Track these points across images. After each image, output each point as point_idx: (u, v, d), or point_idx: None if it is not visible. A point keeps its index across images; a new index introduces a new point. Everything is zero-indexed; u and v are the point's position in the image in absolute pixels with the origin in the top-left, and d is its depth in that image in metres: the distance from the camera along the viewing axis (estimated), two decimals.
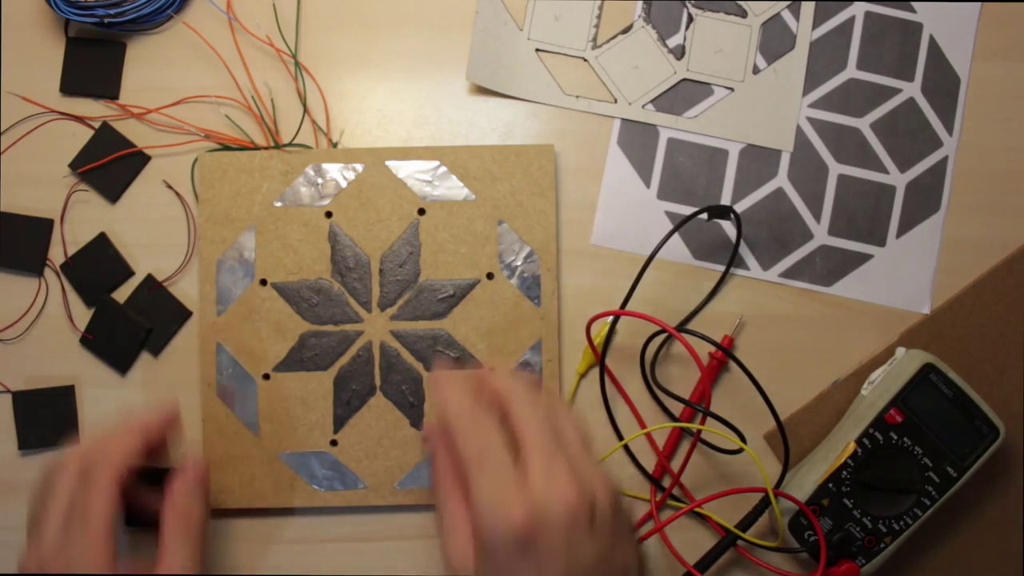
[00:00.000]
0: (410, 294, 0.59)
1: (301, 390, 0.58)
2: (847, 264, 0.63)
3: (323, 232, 0.59)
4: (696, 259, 0.62)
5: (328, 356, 0.59)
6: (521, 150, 0.59)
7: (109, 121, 0.61)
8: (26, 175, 0.61)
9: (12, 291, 0.61)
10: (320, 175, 0.59)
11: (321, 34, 0.63)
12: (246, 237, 0.58)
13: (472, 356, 0.59)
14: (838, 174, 0.63)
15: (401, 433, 0.58)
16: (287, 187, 0.59)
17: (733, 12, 0.63)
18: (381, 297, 0.59)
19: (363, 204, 0.59)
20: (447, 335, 0.59)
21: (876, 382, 0.59)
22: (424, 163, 0.59)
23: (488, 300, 0.59)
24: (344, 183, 0.59)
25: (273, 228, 0.59)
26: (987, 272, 0.62)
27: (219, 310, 0.59)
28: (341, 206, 0.59)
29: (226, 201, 0.59)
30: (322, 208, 0.59)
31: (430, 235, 0.59)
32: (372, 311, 0.59)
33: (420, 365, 0.59)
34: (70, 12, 0.59)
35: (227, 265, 0.59)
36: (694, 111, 0.63)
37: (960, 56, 0.64)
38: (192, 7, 0.63)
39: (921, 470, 0.57)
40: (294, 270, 0.59)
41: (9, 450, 0.60)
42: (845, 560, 0.56)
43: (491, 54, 0.62)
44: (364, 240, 0.59)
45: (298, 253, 0.59)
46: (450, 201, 0.59)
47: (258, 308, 0.59)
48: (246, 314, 0.59)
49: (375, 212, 0.59)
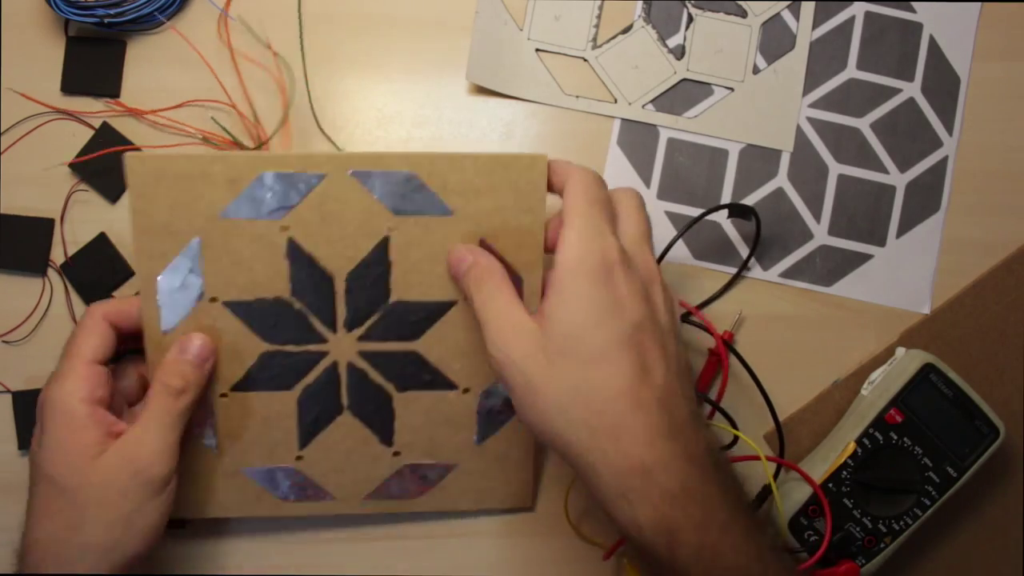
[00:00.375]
0: (379, 315, 0.53)
1: (263, 409, 0.54)
2: (847, 264, 0.63)
3: (279, 248, 0.51)
4: (696, 259, 0.62)
5: (290, 376, 0.53)
6: (510, 161, 0.50)
7: (109, 121, 0.61)
8: (26, 175, 0.61)
9: (15, 292, 0.61)
10: (274, 184, 0.50)
11: (321, 34, 0.63)
12: (190, 252, 0.51)
13: (445, 378, 0.54)
14: (838, 174, 0.63)
15: (370, 450, 0.55)
16: (235, 197, 0.50)
17: (733, 12, 0.63)
18: (348, 317, 0.53)
19: (325, 218, 0.51)
20: (420, 357, 0.53)
21: (876, 382, 0.59)
22: (396, 173, 0.50)
23: (465, 323, 0.53)
24: (302, 194, 0.50)
25: (221, 243, 0.51)
26: (987, 272, 0.62)
27: (165, 329, 0.52)
28: (300, 220, 0.51)
29: (163, 212, 0.50)
30: (277, 222, 0.51)
31: (402, 254, 0.52)
32: (338, 331, 0.53)
33: (391, 385, 0.54)
34: (70, 12, 0.59)
35: (171, 282, 0.51)
36: (694, 111, 0.63)
37: (960, 56, 0.64)
38: (192, 7, 0.63)
39: (921, 470, 0.57)
40: (248, 288, 0.51)
41: (9, 450, 0.60)
42: (845, 560, 0.56)
43: (491, 54, 0.62)
44: (327, 257, 0.51)
45: (252, 270, 0.51)
46: (425, 217, 0.51)
47: (210, 328, 0.52)
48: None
49: (339, 228, 0.51)
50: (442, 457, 0.56)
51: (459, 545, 0.61)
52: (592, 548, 0.61)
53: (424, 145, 0.62)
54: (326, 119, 0.62)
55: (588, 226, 0.45)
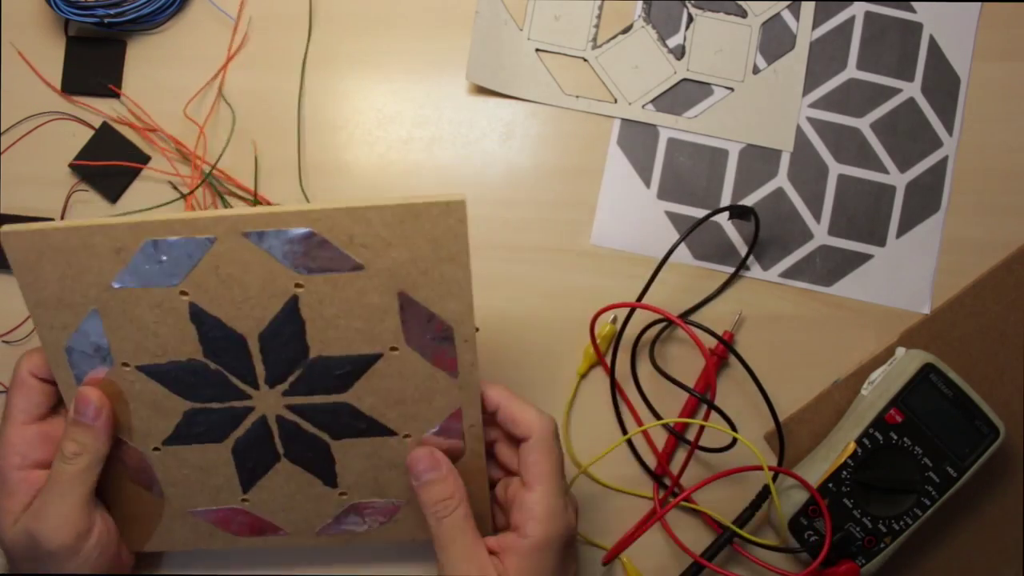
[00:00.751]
0: (301, 370, 0.49)
1: (198, 459, 0.52)
2: (847, 264, 0.63)
3: (182, 313, 0.48)
4: (696, 259, 0.62)
5: (219, 430, 0.51)
6: (421, 210, 0.45)
7: (109, 121, 0.61)
8: (26, 175, 0.61)
9: (16, 292, 0.60)
10: (163, 251, 0.46)
11: (321, 34, 0.63)
12: (90, 322, 0.48)
13: (381, 425, 0.51)
14: (838, 174, 0.63)
15: (315, 491, 0.53)
16: (124, 267, 0.47)
17: (733, 12, 0.63)
18: (268, 374, 0.50)
19: (224, 281, 0.47)
20: (351, 407, 0.51)
21: (876, 382, 0.59)
22: (293, 232, 0.46)
23: (395, 373, 0.50)
24: (195, 259, 0.47)
25: (120, 311, 0.48)
26: (987, 272, 0.62)
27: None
28: (197, 285, 0.47)
29: (53, 285, 0.47)
30: (174, 288, 0.47)
31: (315, 311, 0.48)
32: (260, 388, 0.50)
33: (326, 434, 0.52)
34: (70, 12, 0.59)
35: (79, 351, 0.49)
36: (694, 111, 0.63)
37: (960, 56, 0.64)
38: (192, 7, 0.63)
39: (921, 470, 0.57)
40: (158, 352, 0.49)
41: None
42: (845, 560, 0.56)
43: (491, 54, 0.62)
44: (234, 319, 0.48)
45: (158, 336, 0.48)
46: (334, 275, 0.47)
47: (128, 390, 0.50)
48: (116, 395, 0.50)
49: (241, 290, 0.47)
50: (391, 495, 0.54)
51: None
52: (592, 549, 0.61)
53: (423, 145, 0.62)
54: (326, 119, 0.62)
55: (558, 500, 0.49)
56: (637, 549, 0.59)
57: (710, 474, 0.59)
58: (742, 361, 0.57)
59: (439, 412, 0.51)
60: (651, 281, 0.59)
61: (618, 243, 0.62)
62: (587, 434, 0.61)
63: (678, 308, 0.62)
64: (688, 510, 0.61)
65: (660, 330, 0.62)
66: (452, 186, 0.62)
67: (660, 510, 0.58)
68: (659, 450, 0.61)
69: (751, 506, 0.58)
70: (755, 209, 0.60)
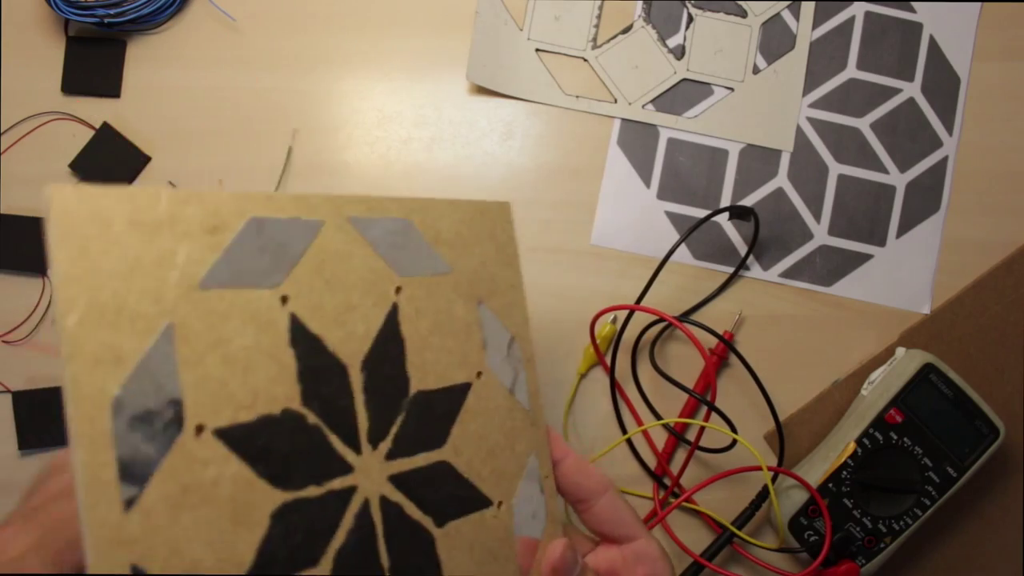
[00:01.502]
0: (403, 415, 0.38)
1: None
2: (847, 264, 0.63)
3: (282, 331, 0.35)
4: (696, 259, 0.62)
5: (317, 541, 0.35)
6: (484, 208, 0.42)
7: (109, 122, 0.61)
8: (26, 175, 0.61)
9: (16, 292, 0.61)
10: (268, 235, 0.35)
11: (321, 34, 0.63)
12: (161, 351, 0.31)
13: (479, 492, 0.40)
14: (838, 174, 0.63)
15: None
16: (220, 255, 0.33)
17: (733, 12, 0.63)
18: (371, 426, 0.37)
19: (329, 283, 0.37)
20: (451, 469, 0.40)
21: (876, 382, 0.59)
22: (394, 221, 0.39)
23: (484, 410, 0.41)
24: (300, 250, 0.36)
25: (205, 329, 0.33)
26: (987, 272, 0.62)
27: (128, 498, 0.29)
28: (301, 286, 0.36)
29: (112, 283, 0.30)
30: (276, 291, 0.35)
31: (412, 326, 0.39)
32: (362, 450, 0.37)
33: (429, 520, 0.38)
34: (70, 12, 0.59)
35: (131, 408, 0.30)
36: (694, 111, 0.63)
37: (960, 56, 0.64)
38: (192, 7, 0.63)
39: (921, 470, 0.57)
40: (247, 401, 0.33)
41: (9, 450, 0.60)
42: (845, 560, 0.56)
43: (491, 54, 0.62)
44: (336, 339, 0.36)
45: (248, 370, 0.33)
46: (427, 277, 0.40)
47: (199, 482, 0.31)
48: (179, 497, 0.31)
49: (344, 295, 0.37)
50: None
51: None
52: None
53: (423, 145, 0.62)
54: (326, 120, 0.62)
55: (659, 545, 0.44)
56: None
57: (710, 474, 0.59)
58: (743, 361, 0.57)
59: (520, 461, 0.42)
60: (651, 282, 0.59)
61: (618, 243, 0.62)
62: (587, 434, 0.61)
63: (678, 308, 0.62)
64: (688, 510, 0.61)
65: (660, 330, 0.62)
66: (452, 186, 0.62)
67: (660, 511, 0.58)
68: (659, 450, 0.61)
69: (751, 506, 0.58)
70: (755, 209, 0.60)
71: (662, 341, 0.62)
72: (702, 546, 0.58)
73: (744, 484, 0.60)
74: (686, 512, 0.61)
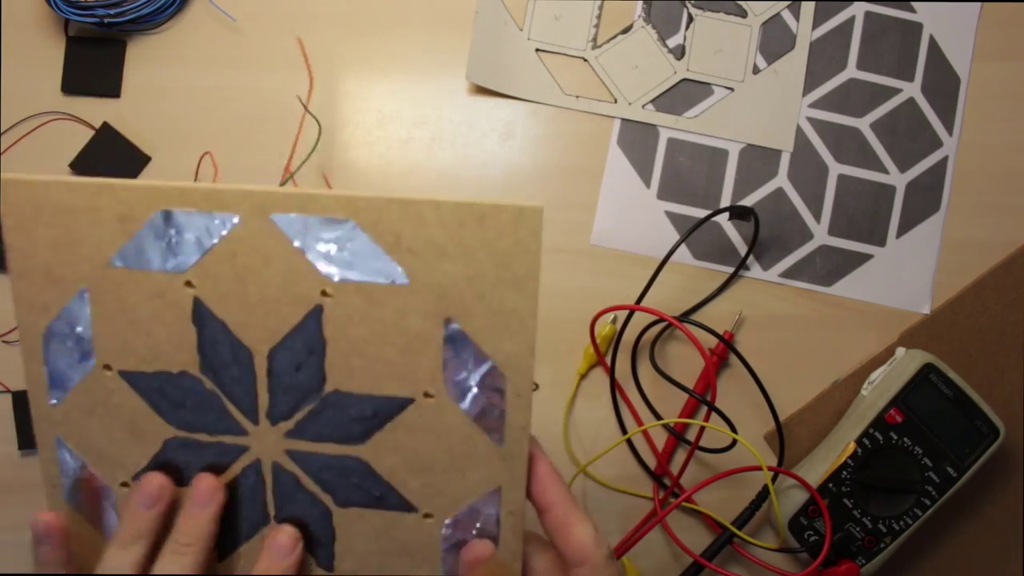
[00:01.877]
0: (311, 406, 0.41)
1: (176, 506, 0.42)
2: (847, 264, 0.63)
3: (184, 309, 0.40)
4: (696, 259, 0.62)
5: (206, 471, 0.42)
6: (487, 213, 0.37)
7: (110, 122, 0.61)
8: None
9: None
10: (174, 226, 0.39)
11: (321, 34, 0.63)
12: (76, 305, 0.40)
13: (400, 496, 0.41)
14: (838, 174, 0.63)
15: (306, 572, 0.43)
16: (127, 240, 0.39)
17: (733, 12, 0.63)
18: (272, 406, 0.41)
19: (239, 276, 0.39)
20: (365, 465, 0.41)
21: (876, 382, 0.59)
22: (332, 222, 0.38)
23: (426, 427, 0.40)
24: (210, 242, 0.39)
25: (114, 297, 0.40)
26: (987, 272, 0.62)
27: (53, 399, 0.42)
28: (207, 274, 0.39)
29: (44, 252, 0.40)
30: (180, 276, 0.39)
31: (340, 330, 0.39)
32: (259, 422, 0.41)
33: (328, 497, 0.42)
34: (70, 12, 0.59)
35: (57, 340, 0.41)
36: (694, 111, 0.63)
37: (960, 56, 0.64)
38: (192, 7, 0.63)
39: (921, 470, 0.57)
40: (148, 357, 0.40)
41: (9, 450, 0.60)
42: (845, 560, 0.56)
43: (491, 54, 0.62)
44: (243, 326, 0.40)
45: (151, 335, 0.40)
46: (369, 284, 0.39)
47: (104, 401, 0.41)
48: (90, 407, 0.42)
49: (257, 289, 0.39)
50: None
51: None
52: None
53: (423, 145, 0.62)
54: (326, 120, 0.62)
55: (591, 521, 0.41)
56: (637, 549, 0.59)
57: (710, 474, 0.59)
58: (743, 361, 0.57)
59: (472, 489, 0.41)
60: (651, 282, 0.59)
61: (618, 243, 0.62)
62: (587, 434, 0.61)
63: (678, 308, 0.62)
64: (688, 510, 0.61)
65: (660, 330, 0.62)
66: (452, 186, 0.62)
67: (660, 511, 0.58)
68: (659, 450, 0.61)
69: (751, 506, 0.58)
70: (755, 209, 0.60)
71: (662, 341, 0.62)
72: (702, 546, 0.58)
73: (744, 484, 0.60)
74: (686, 512, 0.61)
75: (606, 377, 0.61)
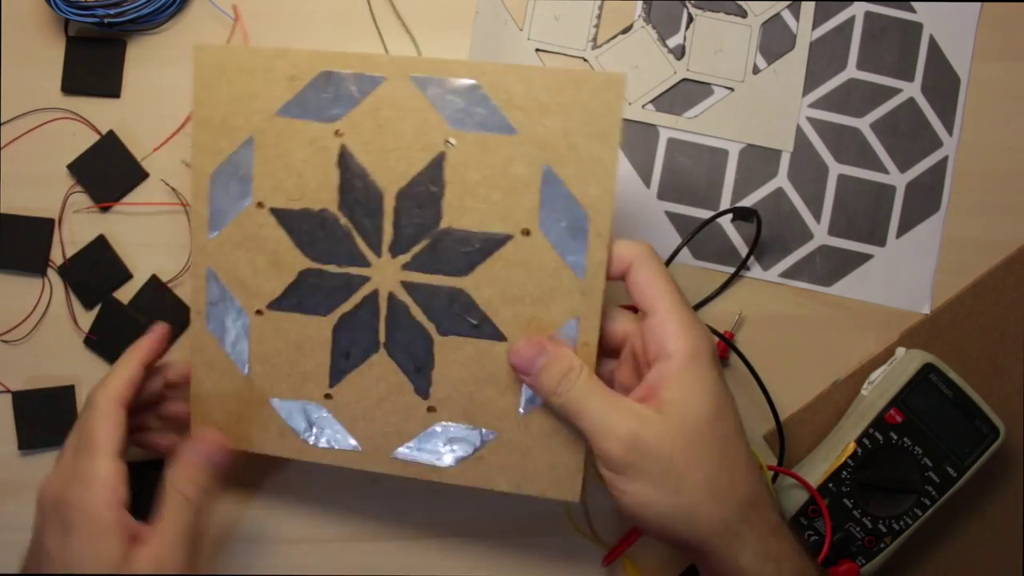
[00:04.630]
0: (428, 241, 0.49)
1: (296, 334, 0.51)
2: (847, 264, 0.63)
3: (331, 155, 0.49)
4: (696, 260, 0.62)
5: (329, 300, 0.51)
6: (582, 77, 0.46)
7: (112, 123, 0.61)
8: (26, 175, 0.61)
9: (15, 292, 0.61)
10: (332, 84, 0.49)
11: (322, 34, 0.63)
12: (243, 151, 0.50)
13: (493, 326, 0.49)
14: (838, 174, 0.63)
15: (403, 399, 0.50)
16: (293, 95, 0.49)
17: (733, 12, 0.63)
18: (394, 240, 0.49)
19: (380, 126, 0.48)
20: (467, 296, 0.49)
21: (876, 382, 0.59)
22: (458, 81, 0.47)
23: (521, 262, 0.48)
24: (359, 97, 0.49)
25: (275, 143, 0.50)
26: (987, 272, 0.62)
27: (212, 232, 0.51)
28: (354, 125, 0.49)
29: (222, 105, 0.50)
30: (332, 126, 0.49)
31: (458, 173, 0.48)
32: (382, 255, 0.49)
33: (433, 326, 0.49)
34: (70, 12, 0.59)
35: (222, 181, 0.51)
36: (694, 111, 0.63)
37: (960, 56, 0.64)
38: (192, 7, 0.62)
39: (921, 470, 0.57)
40: (296, 196, 0.50)
41: (9, 450, 0.60)
42: (845, 560, 0.56)
43: (491, 54, 0.62)
44: (379, 170, 0.49)
45: (302, 176, 0.50)
46: (486, 134, 0.47)
47: (254, 235, 0.51)
48: (240, 240, 0.51)
49: (394, 137, 0.48)
50: (482, 423, 0.49)
51: (457, 544, 0.61)
52: (593, 549, 0.61)
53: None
54: None
55: (689, 313, 0.46)
56: (638, 550, 0.59)
57: None
58: (745, 361, 0.57)
59: (555, 319, 0.48)
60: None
61: None
62: None
63: None
64: None
65: None
66: None
67: None
68: None
69: None
70: (758, 211, 0.60)
71: None
72: None
73: None
74: None
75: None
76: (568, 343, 0.48)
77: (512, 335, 0.48)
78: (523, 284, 0.48)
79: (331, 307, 0.51)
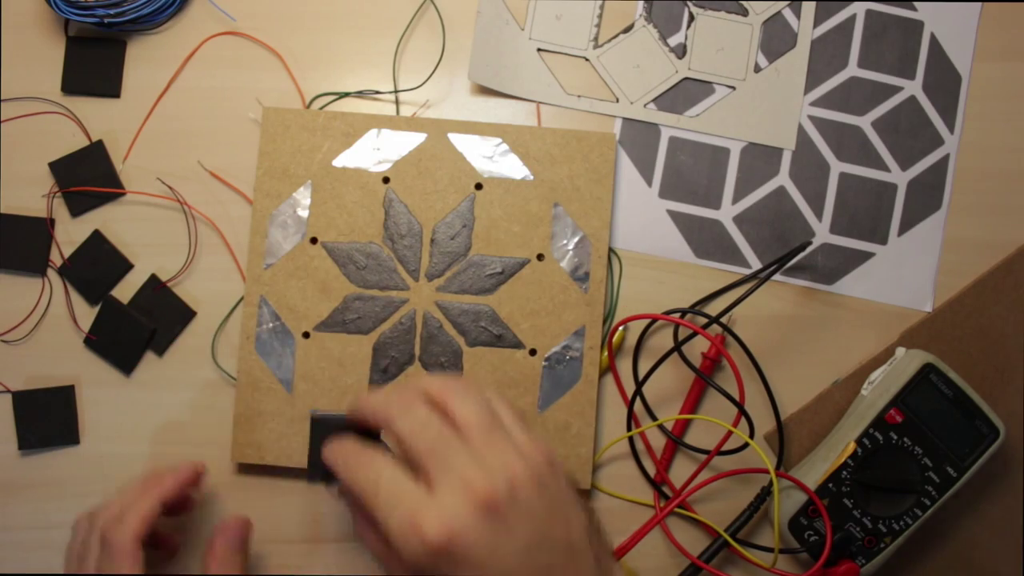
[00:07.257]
0: (459, 267, 0.59)
1: (340, 352, 0.59)
2: (848, 262, 0.63)
3: (379, 197, 0.59)
4: (697, 257, 0.62)
5: (370, 320, 0.59)
6: (583, 136, 0.59)
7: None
8: (27, 175, 0.61)
9: (15, 292, 0.61)
10: (382, 140, 0.59)
11: (322, 34, 0.62)
12: (301, 193, 0.59)
13: (514, 335, 0.58)
14: (839, 172, 0.63)
15: None
16: (348, 148, 0.59)
17: (734, 11, 0.63)
18: (430, 267, 0.59)
19: (421, 173, 0.59)
20: (491, 312, 0.58)
21: (876, 382, 0.59)
22: (486, 139, 0.59)
23: (536, 281, 0.59)
24: (405, 151, 0.59)
25: (330, 187, 0.59)
26: (987, 272, 0.62)
27: (267, 263, 0.59)
28: (399, 173, 0.59)
29: (285, 157, 0.59)
30: (380, 173, 0.59)
31: (485, 210, 0.59)
32: (419, 280, 0.59)
33: (462, 339, 0.59)
34: (70, 12, 0.59)
35: (279, 220, 0.59)
36: (696, 110, 0.63)
37: (961, 54, 0.64)
38: (192, 7, 0.62)
39: (921, 470, 0.57)
40: (346, 231, 0.59)
41: (9, 450, 0.60)
42: (845, 560, 0.57)
43: (493, 54, 0.62)
44: (419, 209, 0.59)
45: (352, 215, 0.59)
46: (508, 179, 0.59)
47: (306, 266, 0.59)
48: (293, 270, 0.59)
49: (432, 182, 0.59)
50: None
51: None
52: None
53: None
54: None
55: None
56: (637, 552, 0.59)
57: (711, 475, 0.59)
58: (752, 359, 0.58)
59: (565, 328, 0.58)
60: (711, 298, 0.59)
61: (620, 242, 0.62)
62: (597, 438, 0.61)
63: (678, 306, 0.62)
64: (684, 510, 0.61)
65: (654, 331, 0.61)
66: None
67: (660, 511, 0.58)
68: (656, 457, 0.61)
69: (750, 507, 0.58)
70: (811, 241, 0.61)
71: (662, 342, 0.62)
72: (702, 548, 0.59)
73: (745, 484, 0.60)
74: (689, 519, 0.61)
75: (611, 378, 0.61)
76: (577, 350, 0.58)
77: (530, 343, 0.59)
78: (539, 300, 0.59)
79: (372, 327, 0.59)
